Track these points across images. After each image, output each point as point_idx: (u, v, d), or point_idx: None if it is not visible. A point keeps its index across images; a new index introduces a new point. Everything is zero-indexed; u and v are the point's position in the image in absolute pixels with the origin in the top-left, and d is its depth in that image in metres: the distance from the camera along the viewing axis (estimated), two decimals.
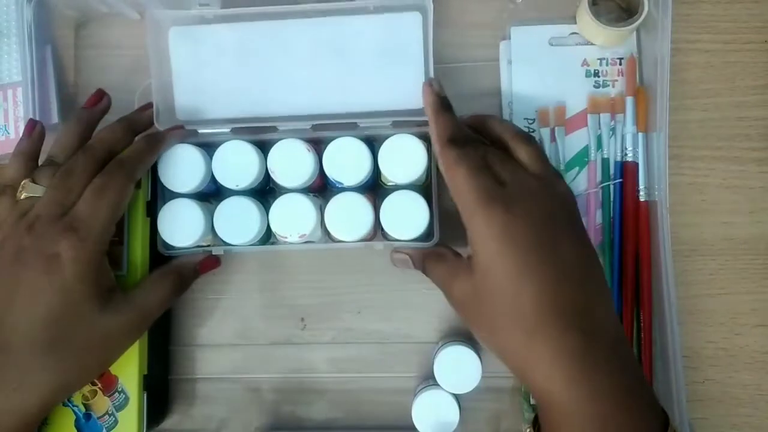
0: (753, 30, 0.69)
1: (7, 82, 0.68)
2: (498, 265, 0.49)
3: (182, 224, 0.61)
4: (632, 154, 0.65)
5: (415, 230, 0.60)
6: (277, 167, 0.61)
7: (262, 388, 0.69)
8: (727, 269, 0.67)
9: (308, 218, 0.60)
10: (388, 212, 0.60)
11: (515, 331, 0.49)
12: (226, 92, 0.65)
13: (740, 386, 0.66)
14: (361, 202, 0.60)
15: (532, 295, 0.48)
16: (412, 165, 0.60)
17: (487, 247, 0.49)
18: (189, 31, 0.64)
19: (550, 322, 0.48)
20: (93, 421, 0.60)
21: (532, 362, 0.48)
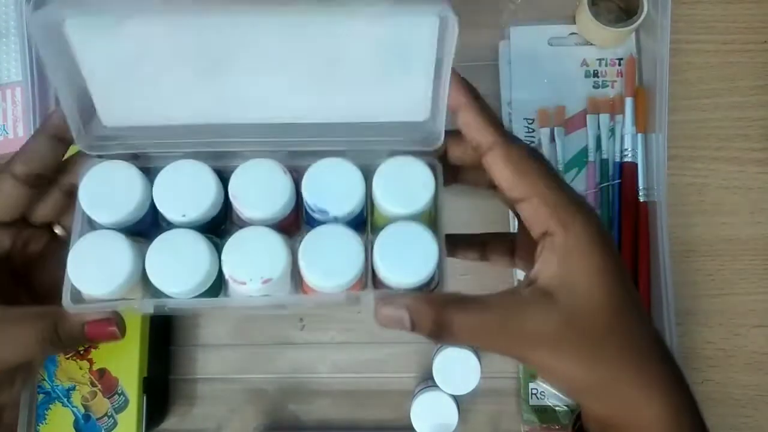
0: (752, 30, 0.69)
1: (7, 82, 0.68)
2: (602, 281, 0.40)
3: (101, 265, 0.43)
4: (631, 155, 0.65)
5: (419, 274, 0.43)
6: (242, 193, 0.45)
7: (261, 388, 0.69)
8: (726, 270, 0.67)
9: (276, 256, 0.43)
10: (385, 249, 0.43)
11: (630, 355, 0.41)
12: (169, 97, 0.46)
13: (739, 387, 0.66)
14: (349, 235, 0.44)
15: (638, 317, 0.41)
16: (416, 193, 0.45)
17: (588, 259, 0.40)
18: (99, 23, 0.44)
19: (657, 346, 0.41)
20: (92, 422, 0.60)
21: (646, 390, 0.40)
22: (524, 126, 0.67)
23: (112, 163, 0.45)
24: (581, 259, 0.40)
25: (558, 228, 0.39)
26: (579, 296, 0.40)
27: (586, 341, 0.40)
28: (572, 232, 0.39)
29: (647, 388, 0.40)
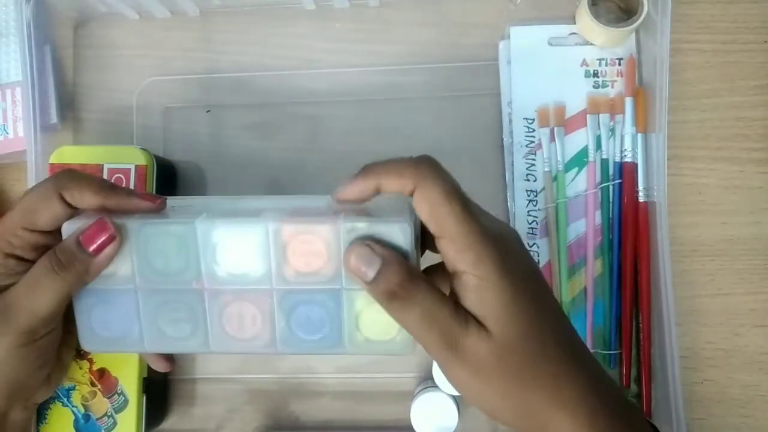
0: (752, 30, 0.69)
1: (6, 82, 0.69)
2: (512, 315, 0.42)
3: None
4: (631, 155, 0.65)
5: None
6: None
7: (261, 388, 0.69)
8: (725, 270, 0.67)
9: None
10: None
11: (542, 382, 0.43)
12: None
13: (739, 387, 0.66)
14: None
15: (552, 339, 0.43)
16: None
17: (498, 294, 0.42)
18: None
19: (573, 361, 0.44)
20: (92, 422, 0.60)
21: (560, 411, 0.43)
22: (524, 126, 0.67)
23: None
24: (492, 295, 0.42)
25: (468, 267, 0.42)
26: (497, 330, 0.42)
27: (502, 372, 0.42)
28: (480, 270, 0.42)
29: (560, 408, 0.42)
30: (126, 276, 0.48)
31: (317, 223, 0.46)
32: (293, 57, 0.71)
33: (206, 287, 0.48)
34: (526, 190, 0.67)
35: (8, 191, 0.72)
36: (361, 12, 0.72)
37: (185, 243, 0.47)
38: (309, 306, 0.47)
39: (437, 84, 0.70)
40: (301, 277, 0.47)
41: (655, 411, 0.64)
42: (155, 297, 0.48)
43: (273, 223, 0.46)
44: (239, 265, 0.47)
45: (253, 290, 0.48)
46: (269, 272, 0.47)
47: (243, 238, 0.47)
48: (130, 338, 0.49)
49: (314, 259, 0.46)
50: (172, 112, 0.71)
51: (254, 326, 0.48)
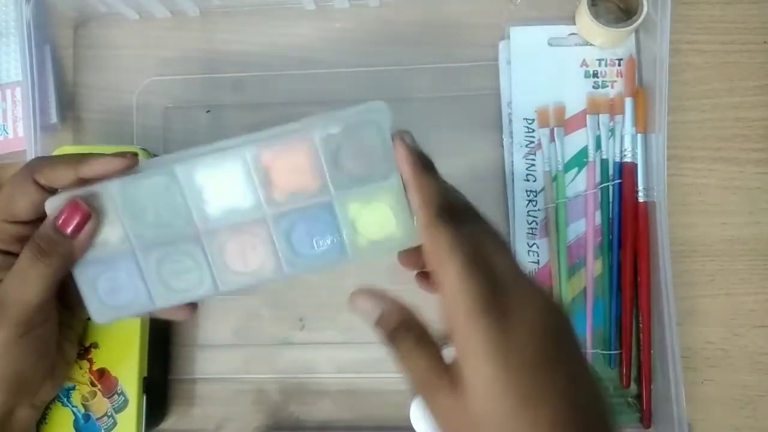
0: (752, 30, 0.69)
1: (6, 82, 0.69)
2: (497, 392, 0.38)
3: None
4: (631, 155, 0.65)
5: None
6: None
7: (261, 388, 0.69)
8: (726, 270, 0.67)
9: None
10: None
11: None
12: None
13: (739, 387, 0.66)
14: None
15: (547, 421, 0.38)
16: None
17: (482, 370, 0.38)
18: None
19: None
20: (92, 422, 0.60)
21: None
22: (524, 126, 0.67)
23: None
24: (475, 368, 0.39)
25: (455, 330, 0.40)
26: (477, 400, 0.39)
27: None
28: (460, 341, 0.39)
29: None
30: (120, 239, 0.48)
31: (293, 140, 0.46)
32: (293, 57, 0.71)
33: (201, 229, 0.48)
34: (526, 191, 0.67)
35: None
36: (361, 12, 0.72)
37: (170, 191, 0.47)
38: (305, 223, 0.48)
39: (437, 84, 0.70)
40: (291, 196, 0.47)
41: (656, 411, 0.64)
42: (154, 252, 0.49)
43: (250, 152, 0.46)
44: (228, 200, 0.47)
45: (248, 221, 0.48)
46: (258, 200, 0.47)
47: (225, 172, 0.47)
48: (139, 300, 0.49)
49: (299, 177, 0.47)
50: (172, 112, 0.71)
51: (257, 256, 0.49)
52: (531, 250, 0.66)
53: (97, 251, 0.49)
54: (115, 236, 0.48)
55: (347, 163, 0.46)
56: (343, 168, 0.46)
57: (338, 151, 0.46)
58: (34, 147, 0.64)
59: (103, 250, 0.49)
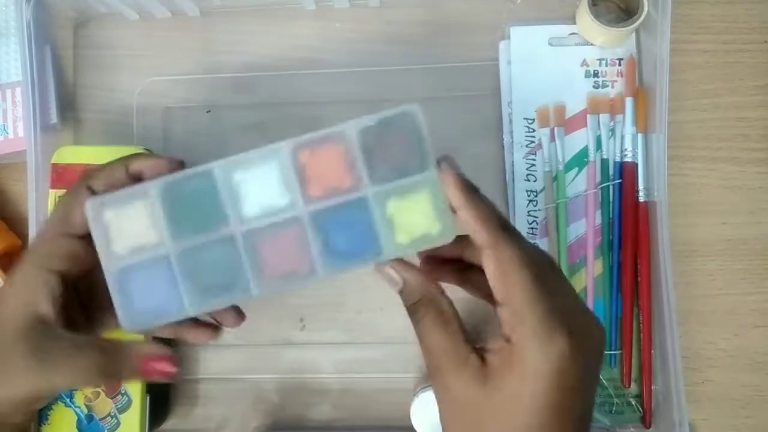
0: (752, 30, 0.69)
1: (6, 82, 0.69)
2: (537, 403, 0.39)
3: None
4: (631, 155, 0.65)
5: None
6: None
7: (262, 388, 0.69)
8: (726, 270, 0.67)
9: None
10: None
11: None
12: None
13: (739, 387, 0.66)
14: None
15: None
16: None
17: (533, 381, 0.39)
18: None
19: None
20: (95, 422, 0.60)
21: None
22: (524, 126, 0.67)
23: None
24: (527, 378, 0.39)
25: (516, 344, 0.40)
26: (505, 401, 0.40)
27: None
28: (524, 351, 0.39)
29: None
30: (155, 244, 0.48)
31: (328, 136, 0.46)
32: (293, 57, 0.71)
33: (237, 231, 0.48)
34: (526, 190, 0.67)
35: (8, 191, 0.72)
36: (361, 12, 0.72)
37: (207, 192, 0.47)
38: (341, 221, 0.47)
39: (437, 84, 0.70)
40: (326, 192, 0.47)
41: (656, 411, 0.64)
42: (189, 257, 0.48)
43: (287, 149, 0.46)
44: (264, 199, 0.47)
45: (284, 220, 0.48)
46: (295, 197, 0.47)
47: (261, 170, 0.47)
48: (171, 305, 0.49)
49: (335, 171, 0.47)
50: (172, 113, 0.71)
51: (292, 256, 0.48)
52: None
53: (132, 257, 0.49)
54: (153, 240, 0.48)
55: (383, 156, 0.46)
56: (379, 161, 0.46)
57: (374, 145, 0.46)
58: (34, 147, 0.64)
59: (138, 256, 0.48)
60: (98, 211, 0.48)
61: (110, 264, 0.48)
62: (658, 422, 0.64)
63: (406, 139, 0.46)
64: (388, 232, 0.47)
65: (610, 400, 0.65)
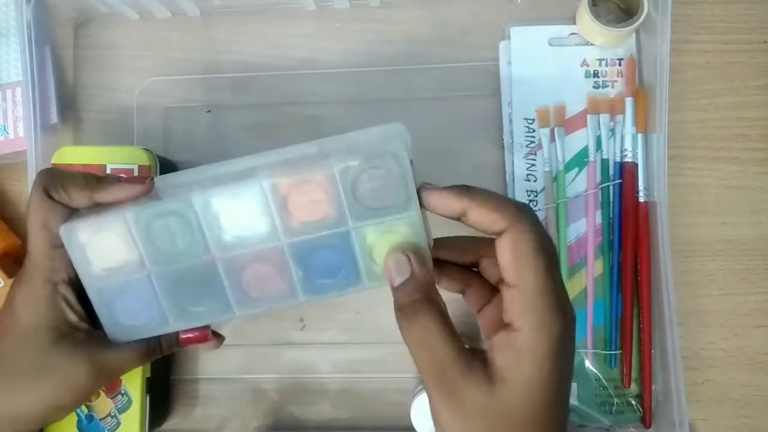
0: (752, 30, 0.69)
1: (7, 82, 0.69)
2: (545, 388, 0.40)
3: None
4: (632, 155, 0.65)
5: None
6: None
7: (262, 388, 0.69)
8: (726, 270, 0.67)
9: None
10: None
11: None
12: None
13: (739, 387, 0.66)
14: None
15: (556, 420, 0.41)
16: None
17: (542, 364, 0.40)
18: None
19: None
20: (95, 422, 0.60)
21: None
22: (524, 126, 0.67)
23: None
24: (531, 366, 0.40)
25: (523, 329, 0.40)
26: (511, 396, 0.40)
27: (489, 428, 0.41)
28: (535, 338, 0.40)
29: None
30: (136, 264, 0.48)
31: (311, 171, 0.46)
32: (293, 57, 0.71)
33: (217, 257, 0.48)
34: (527, 190, 0.67)
35: (8, 191, 0.72)
36: (361, 12, 0.72)
37: (186, 220, 0.47)
38: (321, 252, 0.48)
39: (437, 84, 0.70)
40: (307, 226, 0.47)
41: (656, 411, 0.64)
42: (170, 277, 0.49)
43: (268, 181, 0.46)
44: (245, 228, 0.47)
45: (264, 249, 0.48)
46: (275, 228, 0.47)
47: (242, 201, 0.47)
48: (155, 322, 0.50)
49: (316, 207, 0.47)
50: (172, 112, 0.71)
51: (273, 283, 0.49)
52: None
53: (115, 275, 0.49)
54: (131, 260, 0.48)
55: (365, 195, 0.46)
56: (362, 199, 0.46)
57: (356, 183, 0.46)
58: (34, 147, 0.64)
59: (120, 274, 0.49)
60: (72, 236, 0.48)
61: (91, 283, 0.49)
62: (658, 422, 0.64)
63: (390, 175, 0.46)
64: (369, 263, 0.48)
65: (610, 400, 0.65)
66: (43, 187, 0.48)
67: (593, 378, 0.65)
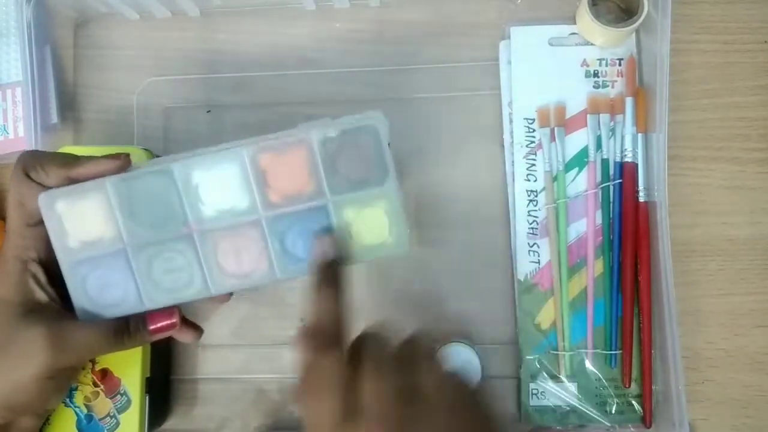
0: (752, 30, 0.69)
1: (7, 82, 0.69)
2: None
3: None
4: (632, 155, 0.65)
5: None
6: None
7: (262, 388, 0.69)
8: (726, 270, 0.67)
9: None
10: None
11: None
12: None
13: (740, 387, 0.66)
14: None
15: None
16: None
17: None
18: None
19: None
20: (94, 422, 0.60)
21: None
22: (524, 126, 0.67)
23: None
24: None
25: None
26: None
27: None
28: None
29: None
30: (113, 238, 0.48)
31: (291, 143, 0.47)
32: (293, 57, 0.71)
33: (195, 229, 0.48)
34: (527, 190, 0.67)
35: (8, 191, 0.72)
36: (361, 12, 0.72)
37: (166, 189, 0.47)
38: (300, 226, 0.48)
39: (437, 84, 0.70)
40: (286, 199, 0.47)
41: (657, 411, 0.64)
42: (146, 251, 0.49)
43: (248, 151, 0.46)
44: (224, 201, 0.48)
45: (243, 222, 0.48)
46: (254, 202, 0.48)
47: (222, 172, 0.47)
48: (128, 300, 0.50)
49: (295, 179, 0.47)
50: (172, 113, 0.71)
51: (250, 259, 0.49)
52: (532, 249, 0.66)
53: (90, 249, 0.49)
54: (109, 234, 0.48)
55: (343, 167, 0.47)
56: (340, 172, 0.47)
57: (335, 155, 0.47)
58: (34, 147, 0.64)
59: (95, 249, 0.49)
60: (51, 205, 0.48)
61: (65, 256, 0.49)
62: (658, 422, 0.64)
63: (368, 151, 0.47)
64: (347, 240, 0.48)
65: (610, 399, 0.65)
66: (22, 166, 0.49)
67: (593, 378, 0.65)
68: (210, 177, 0.47)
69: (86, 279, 0.50)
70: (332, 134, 0.46)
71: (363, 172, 0.47)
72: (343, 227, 0.48)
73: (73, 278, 0.50)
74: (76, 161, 0.50)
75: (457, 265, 0.67)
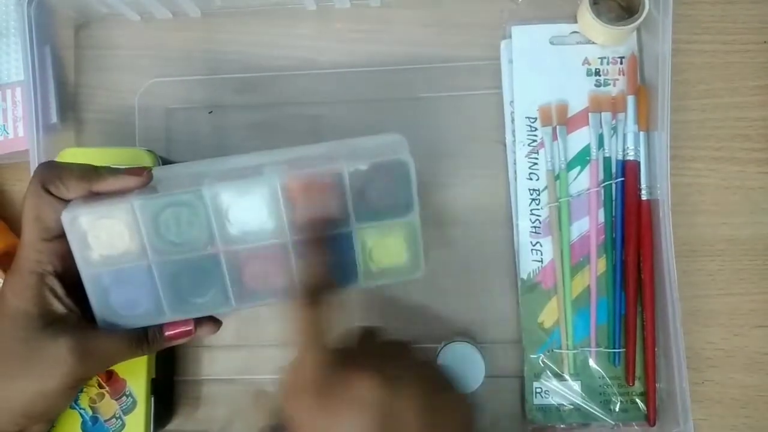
0: (752, 30, 0.69)
1: (7, 82, 0.68)
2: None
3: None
4: (633, 153, 0.66)
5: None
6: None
7: (265, 389, 0.68)
8: (726, 270, 0.68)
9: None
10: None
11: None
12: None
13: (739, 387, 0.67)
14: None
15: None
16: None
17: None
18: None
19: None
20: (100, 424, 0.59)
21: None
22: (526, 125, 0.67)
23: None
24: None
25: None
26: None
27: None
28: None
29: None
30: (137, 253, 0.49)
31: (322, 172, 0.48)
32: (294, 57, 0.71)
33: (221, 249, 0.48)
34: (529, 189, 0.67)
35: (9, 191, 0.72)
36: (362, 12, 0.72)
37: (195, 211, 0.48)
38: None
39: (438, 84, 0.70)
40: (313, 224, 0.48)
41: (660, 409, 0.65)
42: (170, 267, 0.49)
43: (279, 180, 0.47)
44: (251, 223, 0.48)
45: (269, 245, 0.48)
46: (282, 225, 0.48)
47: (252, 197, 0.48)
48: (151, 311, 0.51)
49: (323, 207, 0.48)
50: (174, 113, 0.71)
51: (274, 278, 0.49)
52: (534, 248, 0.67)
53: (114, 262, 0.49)
54: (134, 249, 0.49)
55: (371, 198, 0.48)
56: (367, 202, 0.48)
57: (363, 186, 0.47)
58: (36, 147, 0.64)
59: (119, 261, 0.49)
60: (75, 219, 0.48)
61: (87, 268, 0.49)
62: (662, 420, 0.64)
63: (395, 185, 0.48)
64: (366, 265, 0.49)
65: (614, 398, 0.65)
66: (40, 180, 0.49)
67: (597, 376, 0.65)
68: (240, 199, 0.48)
69: (109, 290, 0.50)
70: (363, 167, 0.47)
71: (389, 204, 0.49)
72: (365, 253, 0.49)
73: (94, 289, 0.50)
74: (97, 174, 0.50)
75: (460, 264, 0.67)
